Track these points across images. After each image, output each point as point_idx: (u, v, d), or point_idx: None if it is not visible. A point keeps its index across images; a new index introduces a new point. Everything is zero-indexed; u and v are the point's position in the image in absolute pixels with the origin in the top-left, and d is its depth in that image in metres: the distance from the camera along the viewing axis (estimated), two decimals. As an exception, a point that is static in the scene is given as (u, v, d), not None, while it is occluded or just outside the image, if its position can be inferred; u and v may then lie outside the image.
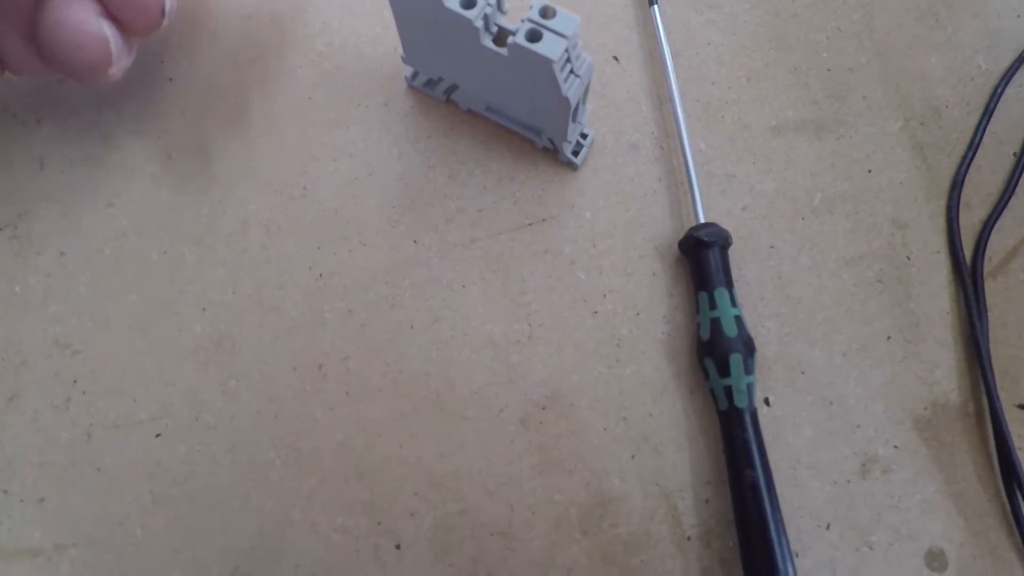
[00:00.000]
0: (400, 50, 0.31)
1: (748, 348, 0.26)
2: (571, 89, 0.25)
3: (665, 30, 0.32)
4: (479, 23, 0.24)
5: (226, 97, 0.33)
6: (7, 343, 0.30)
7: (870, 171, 0.31)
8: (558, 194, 0.31)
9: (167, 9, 0.27)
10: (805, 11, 0.33)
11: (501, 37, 0.25)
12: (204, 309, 0.30)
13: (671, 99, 0.31)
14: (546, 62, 0.24)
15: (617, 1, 0.34)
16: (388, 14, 0.34)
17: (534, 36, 0.24)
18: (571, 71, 0.25)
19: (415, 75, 0.32)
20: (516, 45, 0.24)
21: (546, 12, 0.24)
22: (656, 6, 0.32)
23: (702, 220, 0.29)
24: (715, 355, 0.26)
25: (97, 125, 0.33)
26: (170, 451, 0.28)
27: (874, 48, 0.33)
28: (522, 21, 0.24)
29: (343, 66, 0.33)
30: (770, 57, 0.33)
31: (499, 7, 0.25)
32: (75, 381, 0.29)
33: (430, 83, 0.31)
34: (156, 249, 0.31)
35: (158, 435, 0.28)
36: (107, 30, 0.26)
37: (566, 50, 0.24)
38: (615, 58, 0.33)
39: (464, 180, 0.31)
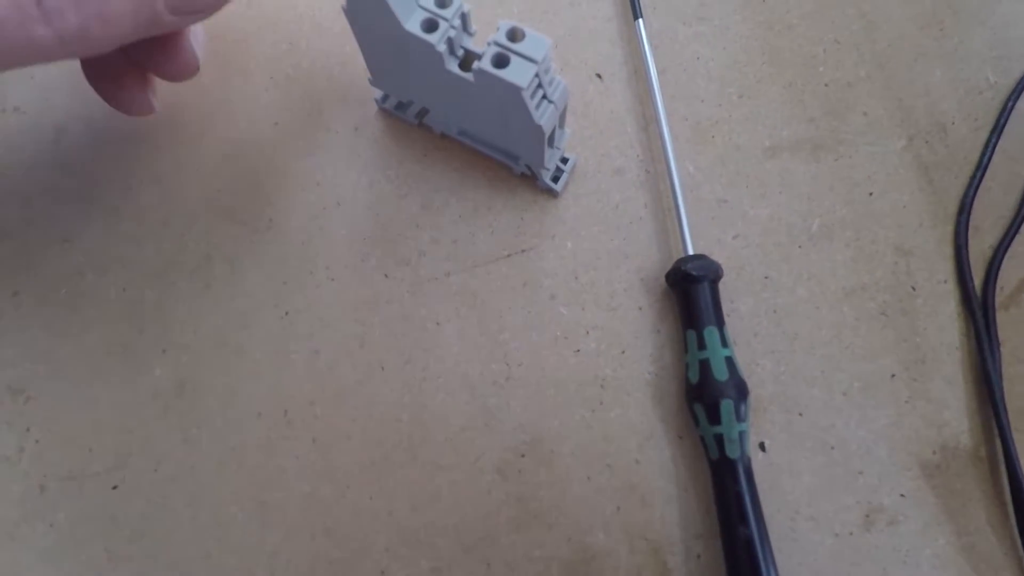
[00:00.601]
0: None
1: (740, 393, 0.24)
2: (544, 116, 0.23)
3: (650, 44, 0.30)
4: (442, 47, 0.22)
5: (187, 122, 0.31)
6: (-42, 389, 0.28)
7: (871, 194, 0.29)
8: (538, 223, 0.29)
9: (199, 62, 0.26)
10: (800, 22, 0.31)
11: (467, 61, 0.23)
12: (164, 351, 0.28)
13: (657, 119, 0.29)
14: (514, 89, 0.22)
15: (599, 14, 0.32)
16: (359, 32, 0.32)
17: (501, 61, 0.22)
18: (543, 96, 0.23)
19: (386, 97, 0.30)
20: (481, 71, 0.22)
21: (514, 34, 0.22)
22: (641, 20, 0.30)
23: (691, 251, 0.27)
24: (704, 401, 0.24)
25: (52, 154, 0.31)
26: (128, 505, 0.27)
27: (874, 61, 0.31)
28: (488, 44, 0.22)
29: (311, 90, 0.31)
30: (763, 72, 0.31)
31: (465, 28, 0.23)
32: (28, 429, 0.28)
33: (401, 106, 0.30)
34: (115, 287, 0.29)
35: (115, 487, 0.27)
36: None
37: (536, 75, 0.22)
38: (598, 75, 0.31)
39: (438, 209, 0.29)
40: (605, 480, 0.26)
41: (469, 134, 0.29)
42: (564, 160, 0.29)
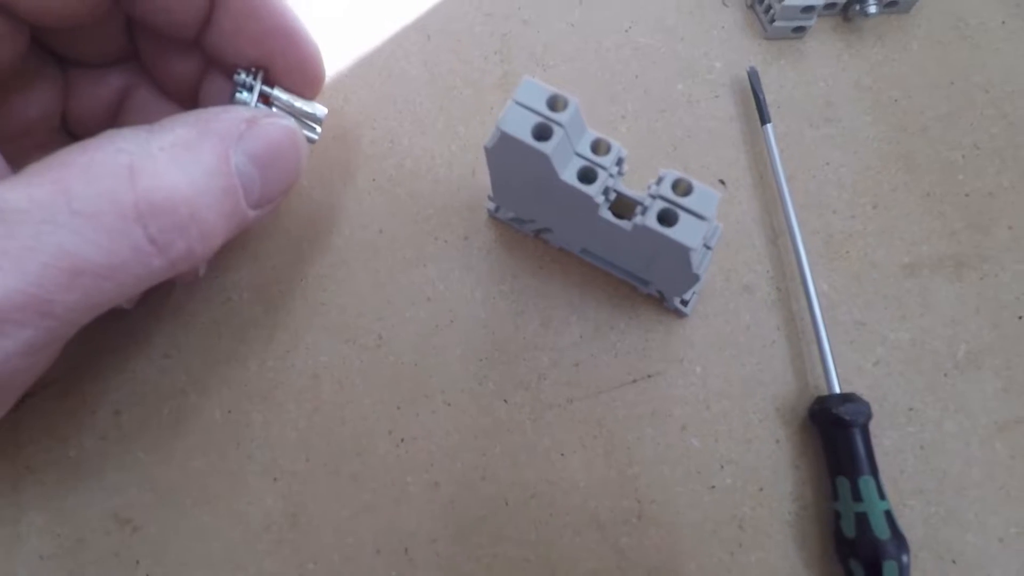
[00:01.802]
0: (486, 183, 0.28)
1: (902, 550, 0.23)
2: (703, 265, 0.22)
3: (778, 149, 0.28)
4: (599, 198, 0.21)
5: (288, 230, 0.30)
6: (63, 516, 0.27)
7: (1021, 317, 0.27)
8: (664, 345, 0.27)
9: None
10: (935, 124, 0.30)
11: (621, 206, 0.22)
12: (275, 479, 0.27)
13: (789, 231, 0.27)
14: (682, 249, 0.20)
15: (720, 113, 0.30)
16: (463, 130, 0.31)
17: (668, 218, 0.20)
18: (704, 245, 0.22)
19: (499, 207, 0.28)
20: (645, 228, 0.20)
21: (679, 186, 0.20)
22: (769, 124, 0.29)
23: (836, 387, 0.25)
24: (864, 558, 0.23)
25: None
26: (244, 646, 0.25)
27: (1019, 168, 0.29)
28: (651, 196, 0.21)
29: (416, 192, 0.30)
30: (898, 180, 0.29)
31: (619, 172, 0.22)
32: (138, 562, 0.27)
33: (517, 219, 0.28)
34: (219, 408, 0.28)
35: (230, 627, 0.26)
36: None
37: (704, 234, 0.20)
38: (721, 182, 0.29)
39: (557, 329, 0.28)
40: (748, 631, 0.25)
41: (594, 254, 0.27)
42: (693, 280, 0.27)
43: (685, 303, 0.27)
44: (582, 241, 0.27)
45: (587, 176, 0.21)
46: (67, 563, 0.27)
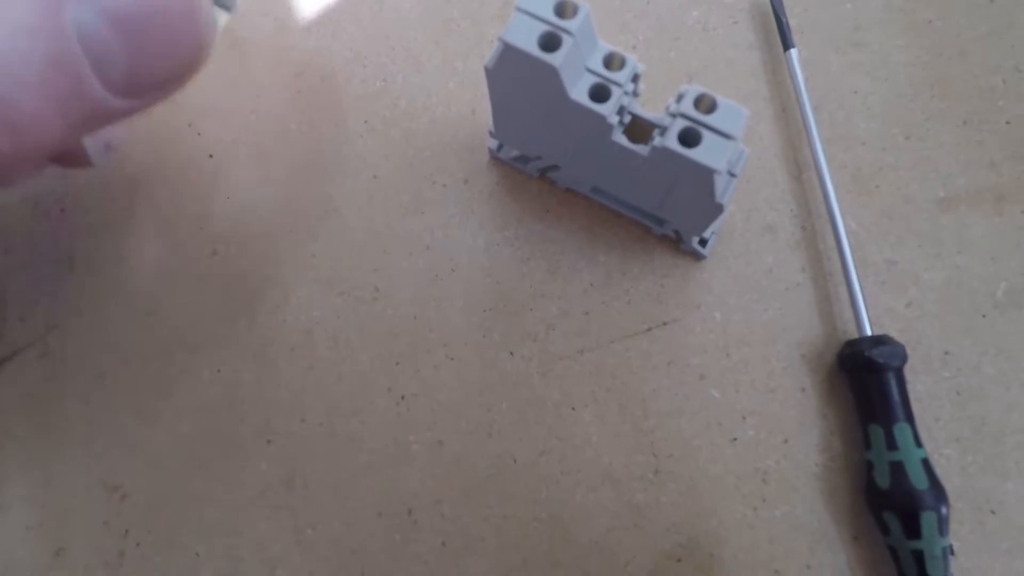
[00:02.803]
0: (487, 120, 0.25)
1: (941, 502, 0.21)
2: (727, 193, 0.20)
3: (803, 78, 0.26)
4: (613, 119, 0.19)
5: (275, 178, 0.28)
6: (47, 485, 0.26)
7: (1065, 252, 0.25)
8: (680, 291, 0.26)
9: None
10: (974, 46, 0.27)
11: (638, 130, 0.20)
12: (269, 441, 0.25)
13: (815, 165, 0.25)
14: (706, 172, 0.18)
15: (739, 41, 0.28)
16: (461, 65, 0.28)
17: (690, 138, 0.18)
18: (728, 171, 0.20)
19: (502, 146, 0.26)
20: (665, 149, 0.18)
21: (702, 102, 0.18)
22: (794, 50, 0.26)
23: (868, 330, 0.23)
24: (899, 510, 0.21)
25: (129, 215, 0.28)
26: (242, 615, 0.24)
27: (1063, 92, 0.27)
28: (671, 115, 0.18)
29: (412, 134, 0.28)
30: (933, 108, 0.27)
31: (634, 91, 0.20)
32: (127, 531, 0.25)
33: (521, 158, 0.26)
34: (208, 367, 0.26)
35: (227, 595, 0.24)
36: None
37: (730, 154, 0.18)
38: (740, 115, 0.27)
39: (566, 276, 0.26)
40: (773, 589, 0.23)
41: (604, 192, 0.25)
42: (712, 219, 0.25)
43: (704, 243, 0.25)
44: (592, 178, 0.25)
45: (599, 94, 0.19)
46: (53, 533, 0.25)
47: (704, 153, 0.18)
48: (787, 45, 0.26)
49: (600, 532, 0.24)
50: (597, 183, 0.25)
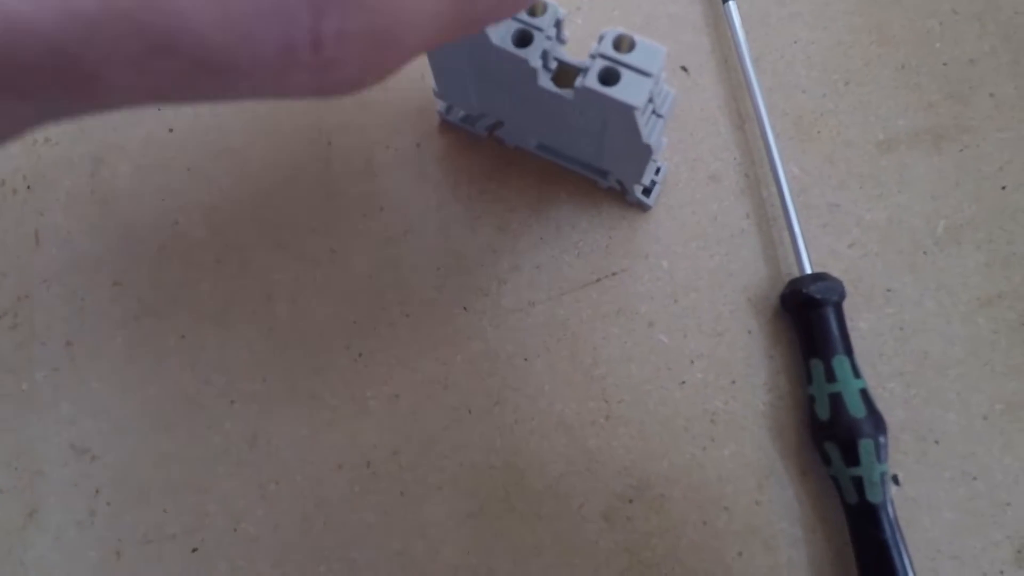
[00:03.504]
0: (431, 81, 0.26)
1: (879, 429, 0.22)
2: (653, 133, 0.21)
3: (743, 30, 0.27)
4: (537, 62, 0.19)
5: (233, 148, 0.28)
6: (19, 449, 0.27)
7: (1004, 188, 0.26)
8: (628, 242, 0.26)
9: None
10: (911, -8, 0.28)
11: (563, 75, 0.20)
12: (232, 401, 0.26)
13: (756, 115, 0.26)
14: (626, 109, 0.19)
15: (680, -3, 0.28)
16: (411, 34, 0.29)
17: (609, 77, 0.19)
18: (653, 111, 0.20)
19: (450, 108, 0.27)
20: (586, 89, 0.19)
21: (622, 43, 0.19)
22: (732, 2, 0.27)
23: (808, 269, 0.24)
24: (839, 439, 0.22)
25: (93, 188, 0.29)
26: (209, 568, 0.25)
27: (1000, 32, 0.27)
28: (592, 57, 0.19)
29: (364, 101, 0.28)
30: (871, 53, 0.27)
31: (558, 36, 0.20)
32: (97, 491, 0.26)
33: (469, 119, 0.27)
34: (172, 333, 0.27)
35: (195, 550, 0.25)
36: None
37: (650, 92, 0.19)
38: (683, 68, 0.28)
39: (516, 232, 0.27)
40: (723, 524, 0.24)
41: (550, 148, 0.26)
42: (655, 170, 0.26)
43: (648, 193, 0.26)
44: (536, 133, 0.25)
45: (523, 39, 0.19)
46: (26, 496, 0.26)
47: (623, 91, 0.18)
48: (725, -2, 0.27)
49: (554, 477, 0.25)
50: (541, 138, 0.26)
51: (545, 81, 0.20)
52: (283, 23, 0.09)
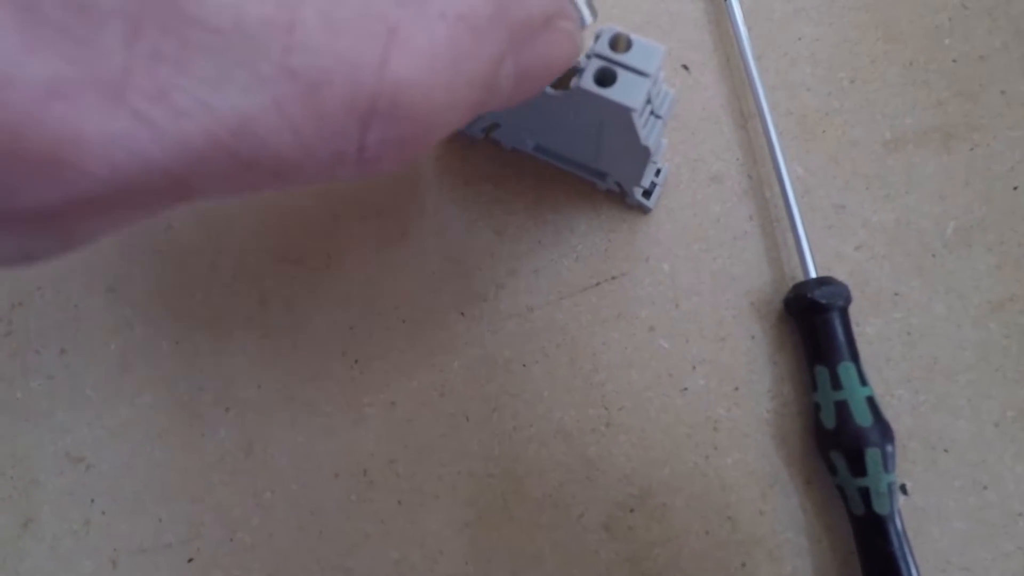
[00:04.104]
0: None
1: (886, 438, 0.21)
2: (652, 135, 0.20)
3: (746, 26, 0.26)
4: (531, 64, 0.19)
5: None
6: (14, 458, 0.26)
7: (1016, 188, 0.25)
8: (628, 245, 0.26)
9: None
10: (919, -13, 0.27)
11: (562, 77, 0.20)
12: (227, 409, 0.26)
13: (759, 114, 0.25)
14: (623, 110, 0.18)
15: (681, -6, 0.28)
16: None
17: (606, 78, 0.18)
18: (651, 112, 0.20)
19: (445, 110, 0.26)
20: (582, 91, 0.18)
21: (618, 43, 0.18)
22: (735, 0, 0.26)
23: (812, 273, 0.23)
24: (845, 449, 0.21)
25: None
26: (205, 578, 0.25)
27: (1012, 27, 0.26)
28: (588, 56, 0.19)
29: (359, 103, 0.28)
30: (878, 50, 0.26)
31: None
32: (92, 500, 0.26)
33: (465, 120, 0.26)
34: (166, 340, 0.27)
35: (191, 560, 0.25)
36: None
37: (648, 92, 0.18)
38: (684, 67, 0.27)
39: (514, 235, 0.26)
40: (726, 534, 0.23)
41: (547, 150, 0.25)
42: (656, 171, 0.25)
43: (648, 195, 0.25)
44: (532, 134, 0.25)
45: (515, 40, 0.19)
46: (22, 505, 0.26)
47: (619, 91, 0.18)
48: (727, -6, 0.26)
49: (553, 486, 0.24)
50: (538, 140, 0.25)
51: (540, 83, 0.19)
52: (339, 139, 0.11)
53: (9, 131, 0.09)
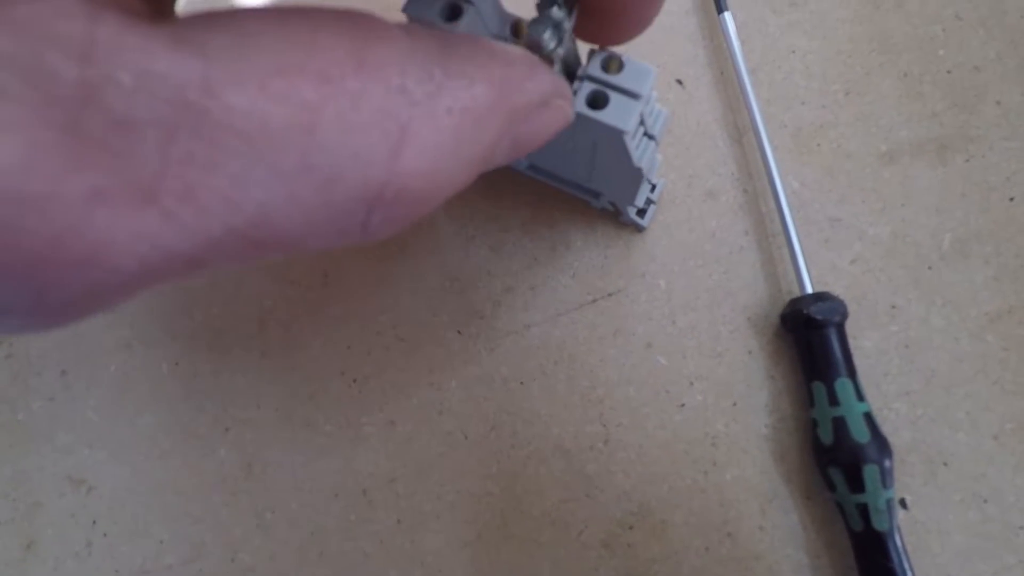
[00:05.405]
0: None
1: (884, 454, 0.21)
2: (645, 156, 0.20)
3: (739, 40, 0.26)
4: (522, 87, 0.19)
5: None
6: (16, 481, 0.26)
7: (1012, 199, 0.25)
8: (624, 261, 0.26)
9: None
10: (912, -2, 0.27)
11: (550, 99, 0.20)
12: (227, 429, 0.26)
13: (754, 128, 0.25)
14: (615, 133, 0.18)
15: (674, 7, 0.28)
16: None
17: (598, 100, 0.18)
18: (644, 133, 0.20)
19: (440, 128, 0.26)
20: (575, 114, 0.18)
21: (609, 64, 0.18)
22: (727, 12, 0.26)
23: (808, 288, 0.23)
24: (843, 465, 0.21)
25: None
26: (207, 599, 0.25)
27: (1006, 37, 0.26)
28: (579, 79, 0.19)
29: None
30: (872, 62, 0.26)
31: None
32: (94, 522, 0.26)
33: (459, 138, 0.26)
34: (166, 361, 0.27)
35: (192, 581, 0.25)
36: None
37: (640, 114, 0.18)
38: (678, 82, 0.27)
39: (510, 252, 0.26)
40: (726, 551, 0.23)
41: (541, 170, 0.25)
42: (651, 188, 0.25)
43: (642, 214, 0.25)
44: (527, 155, 0.25)
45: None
46: (23, 527, 0.26)
47: (611, 114, 0.18)
48: (720, 8, 0.26)
49: (552, 504, 0.24)
50: (533, 160, 0.25)
51: (532, 105, 0.20)
52: (346, 220, 0.12)
53: (50, 241, 0.09)
